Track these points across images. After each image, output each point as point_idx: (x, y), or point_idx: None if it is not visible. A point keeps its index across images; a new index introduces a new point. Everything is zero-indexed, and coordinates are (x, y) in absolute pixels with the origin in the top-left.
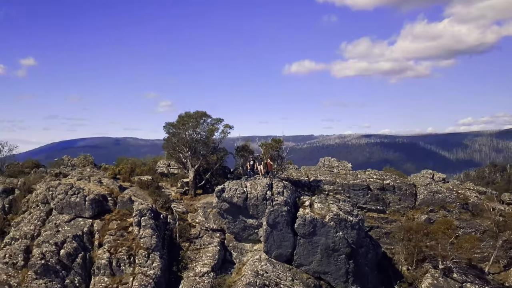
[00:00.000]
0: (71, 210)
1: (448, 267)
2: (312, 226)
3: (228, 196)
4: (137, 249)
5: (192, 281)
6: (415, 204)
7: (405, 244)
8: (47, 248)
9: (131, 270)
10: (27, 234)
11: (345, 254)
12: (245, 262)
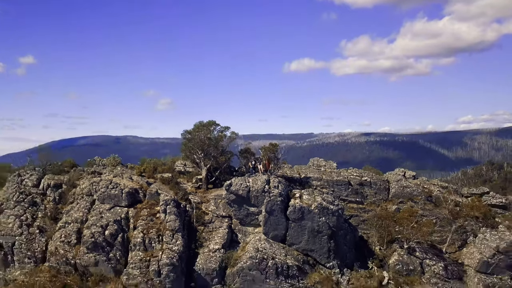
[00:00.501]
0: (111, 201)
1: (412, 247)
2: (300, 213)
3: (235, 189)
4: (164, 230)
5: (207, 255)
6: (388, 196)
7: (378, 229)
8: (95, 229)
9: (160, 246)
10: (77, 219)
11: (327, 235)
12: (248, 242)
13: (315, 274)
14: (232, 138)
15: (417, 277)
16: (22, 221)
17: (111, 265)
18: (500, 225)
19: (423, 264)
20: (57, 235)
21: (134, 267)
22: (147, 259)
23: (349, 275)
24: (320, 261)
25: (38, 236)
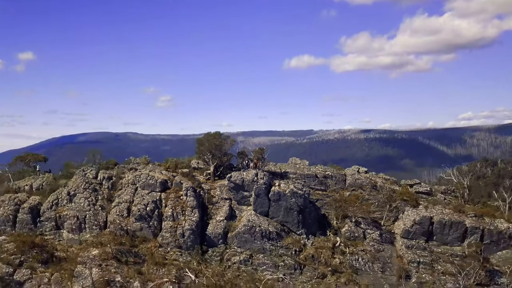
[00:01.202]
0: (149, 188)
1: (358, 220)
2: (278, 196)
3: (233, 180)
4: (185, 207)
5: (215, 224)
6: (345, 186)
7: (335, 209)
8: (139, 206)
9: (183, 218)
10: (126, 200)
11: (297, 211)
12: (243, 215)
13: (289, 238)
14: (231, 144)
15: (360, 241)
16: (89, 201)
17: (151, 230)
18: (420, 205)
19: (365, 233)
20: (114, 210)
21: (166, 231)
22: (175, 226)
23: (312, 239)
24: (292, 229)
25: (100, 212)
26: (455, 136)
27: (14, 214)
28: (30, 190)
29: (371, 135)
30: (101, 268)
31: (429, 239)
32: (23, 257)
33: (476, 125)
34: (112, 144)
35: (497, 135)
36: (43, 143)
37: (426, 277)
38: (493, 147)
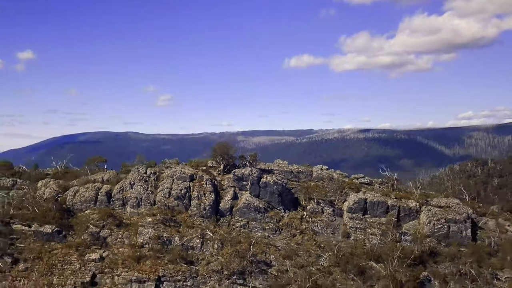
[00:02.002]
0: (182, 179)
1: (318, 201)
2: (265, 184)
3: (236, 174)
4: (206, 191)
5: (224, 202)
6: (311, 178)
7: (303, 193)
8: (176, 191)
9: (205, 198)
10: (167, 187)
11: (277, 194)
12: (242, 197)
13: (272, 212)
14: (234, 151)
15: (319, 214)
16: (143, 188)
17: (184, 206)
18: (360, 191)
19: (323, 209)
20: (159, 194)
21: (193, 206)
22: (199, 203)
23: (288, 213)
24: (274, 206)
25: (151, 194)
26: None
27: (95, 196)
28: (102, 181)
29: (370, 135)
30: (154, 228)
31: (364, 213)
32: (104, 222)
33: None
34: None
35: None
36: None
37: (360, 236)
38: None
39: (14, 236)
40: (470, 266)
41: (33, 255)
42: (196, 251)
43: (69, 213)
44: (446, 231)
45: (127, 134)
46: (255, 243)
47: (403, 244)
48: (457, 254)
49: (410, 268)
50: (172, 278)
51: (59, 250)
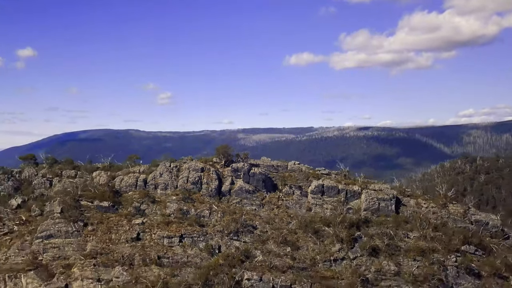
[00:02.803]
0: (196, 170)
1: (291, 186)
2: (253, 174)
3: (233, 167)
4: (212, 179)
5: (225, 186)
6: (286, 170)
7: (280, 180)
8: (192, 178)
9: (211, 183)
10: (185, 176)
11: (262, 181)
12: (237, 183)
13: (258, 193)
14: (232, 151)
15: (291, 195)
16: (169, 177)
17: (197, 188)
18: (320, 179)
19: (294, 191)
20: (180, 180)
21: (204, 189)
22: (208, 187)
23: (269, 194)
24: (260, 189)
25: (174, 181)
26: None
27: (135, 182)
28: (139, 172)
29: (369, 133)
30: (177, 203)
31: (322, 194)
32: (142, 200)
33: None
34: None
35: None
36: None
37: (318, 210)
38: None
39: (83, 208)
40: (391, 229)
41: (96, 221)
42: (206, 218)
43: (118, 193)
44: (377, 206)
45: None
46: (245, 213)
47: (347, 215)
48: (383, 221)
49: (349, 230)
50: (190, 235)
51: (114, 218)
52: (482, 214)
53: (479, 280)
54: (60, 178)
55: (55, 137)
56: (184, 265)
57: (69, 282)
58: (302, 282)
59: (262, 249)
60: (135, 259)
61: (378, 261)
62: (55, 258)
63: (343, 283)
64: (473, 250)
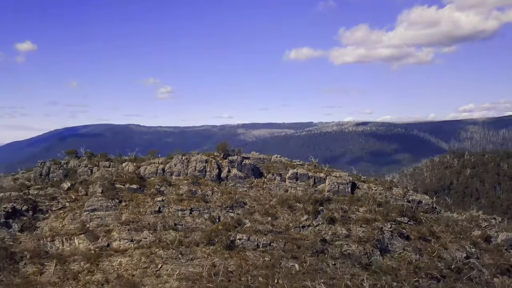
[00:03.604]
0: (201, 161)
1: (274, 174)
2: (245, 164)
3: (230, 159)
4: (214, 168)
5: (224, 173)
6: (270, 162)
7: (265, 169)
8: (198, 167)
9: (214, 171)
10: (194, 166)
11: (251, 170)
12: (233, 171)
13: (248, 179)
14: (229, 146)
15: (273, 181)
16: (181, 166)
17: (203, 175)
18: (295, 168)
19: (275, 178)
20: (190, 169)
21: (207, 176)
22: (211, 174)
23: (256, 179)
24: (249, 176)
25: (185, 169)
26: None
27: (156, 170)
28: (158, 163)
29: (368, 128)
30: (187, 186)
31: (296, 180)
32: (162, 183)
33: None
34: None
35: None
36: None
37: (293, 190)
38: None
39: (117, 190)
40: (345, 205)
41: (128, 199)
42: (209, 197)
43: (143, 179)
44: (337, 188)
45: (128, 127)
46: (238, 193)
47: (314, 195)
48: (341, 199)
49: (315, 205)
50: (197, 209)
51: (141, 196)
52: (418, 195)
53: (408, 241)
54: (98, 167)
55: (56, 132)
56: (193, 230)
57: (110, 242)
58: (278, 241)
59: (250, 219)
60: (157, 225)
61: (334, 227)
62: (99, 225)
63: (308, 242)
64: (406, 220)
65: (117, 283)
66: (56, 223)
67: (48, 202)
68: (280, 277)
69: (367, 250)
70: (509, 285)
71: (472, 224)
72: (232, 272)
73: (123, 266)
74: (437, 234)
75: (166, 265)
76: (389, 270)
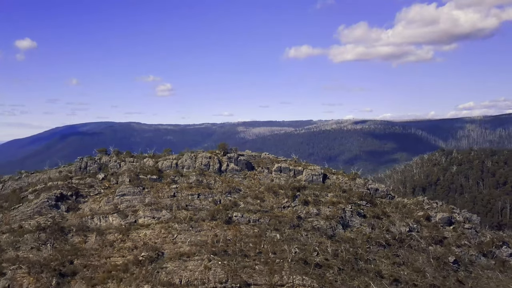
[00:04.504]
0: (206, 158)
1: (263, 167)
2: (240, 160)
3: (228, 156)
4: (215, 163)
5: (223, 167)
6: (260, 158)
7: (256, 163)
8: (204, 162)
9: (216, 165)
10: (201, 161)
11: (245, 164)
12: (230, 165)
13: (243, 172)
14: (228, 146)
15: (263, 173)
16: (191, 161)
17: (207, 168)
18: (280, 163)
19: (264, 170)
20: (197, 163)
21: (210, 169)
22: (214, 167)
23: (249, 171)
24: (243, 169)
25: (194, 163)
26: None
27: (170, 164)
28: (172, 158)
29: (366, 126)
30: (196, 177)
31: (280, 172)
32: (175, 174)
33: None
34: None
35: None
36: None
37: (277, 180)
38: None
39: (141, 179)
40: (317, 191)
41: (150, 186)
42: (212, 185)
43: (160, 171)
44: (311, 178)
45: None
46: (235, 182)
47: (293, 183)
48: (313, 187)
49: (293, 191)
50: (203, 194)
51: (159, 184)
52: (376, 184)
53: (364, 219)
54: (125, 162)
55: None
56: (200, 209)
57: (136, 219)
58: (265, 218)
59: (243, 201)
60: (173, 206)
61: (307, 208)
62: (127, 207)
63: (287, 219)
64: (364, 203)
65: (143, 248)
66: (94, 205)
67: (87, 189)
68: (265, 244)
69: (332, 225)
70: (440, 252)
71: (418, 206)
72: (230, 240)
73: (147, 236)
74: (388, 213)
75: (180, 235)
76: (348, 240)
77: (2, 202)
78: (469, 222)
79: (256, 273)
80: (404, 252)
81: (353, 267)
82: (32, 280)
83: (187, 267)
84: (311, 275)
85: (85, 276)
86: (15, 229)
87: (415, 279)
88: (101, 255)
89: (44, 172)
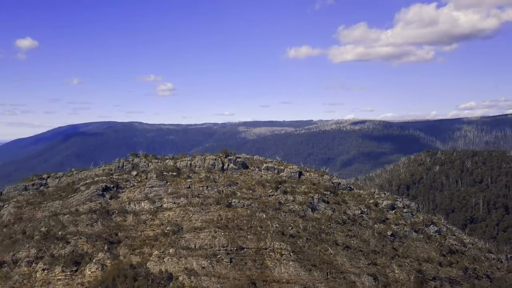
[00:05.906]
0: (212, 159)
1: (255, 166)
2: (238, 161)
3: (229, 158)
4: (219, 163)
5: (225, 166)
6: (253, 160)
7: (250, 164)
8: (211, 163)
9: (220, 165)
10: (209, 162)
11: (241, 164)
12: (230, 165)
13: (239, 170)
14: (229, 150)
15: (255, 170)
16: (201, 162)
17: (213, 167)
18: (268, 164)
19: (255, 169)
20: (206, 163)
21: (215, 168)
22: (218, 166)
23: (245, 170)
24: (240, 168)
25: (203, 164)
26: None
27: (186, 164)
28: (186, 159)
29: (365, 127)
30: (205, 173)
31: (267, 170)
32: (190, 172)
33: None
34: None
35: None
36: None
37: (265, 176)
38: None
39: (164, 175)
40: (294, 184)
41: (171, 180)
42: (216, 179)
43: (179, 169)
44: (291, 175)
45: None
46: (233, 178)
47: (277, 178)
48: (292, 181)
49: (277, 184)
50: (211, 186)
51: (178, 179)
52: (340, 179)
53: (328, 204)
54: (151, 163)
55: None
56: (208, 197)
57: (162, 204)
58: (255, 203)
59: (240, 191)
60: (188, 195)
61: (286, 196)
62: (155, 195)
63: (270, 204)
64: (329, 193)
65: (167, 224)
66: (130, 194)
67: (124, 183)
68: (254, 221)
69: (303, 208)
70: (382, 228)
71: (369, 196)
72: (230, 218)
73: (170, 216)
74: (346, 201)
75: (194, 215)
76: (314, 219)
77: (60, 192)
78: (408, 208)
79: (248, 241)
80: (356, 228)
81: (317, 237)
82: (89, 246)
83: (199, 237)
84: (287, 242)
85: (127, 243)
86: (73, 212)
87: (362, 246)
88: (137, 229)
89: (90, 170)
